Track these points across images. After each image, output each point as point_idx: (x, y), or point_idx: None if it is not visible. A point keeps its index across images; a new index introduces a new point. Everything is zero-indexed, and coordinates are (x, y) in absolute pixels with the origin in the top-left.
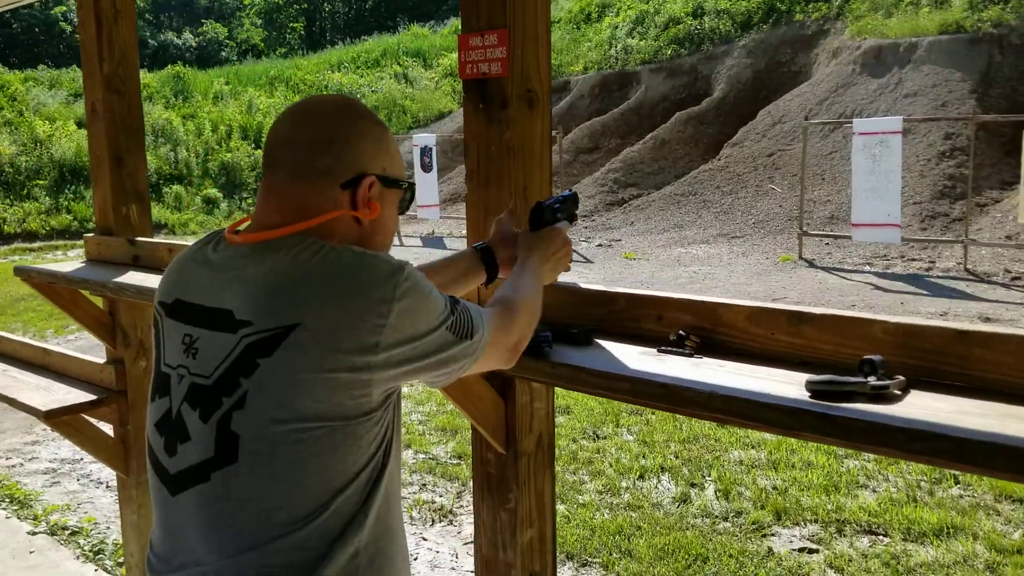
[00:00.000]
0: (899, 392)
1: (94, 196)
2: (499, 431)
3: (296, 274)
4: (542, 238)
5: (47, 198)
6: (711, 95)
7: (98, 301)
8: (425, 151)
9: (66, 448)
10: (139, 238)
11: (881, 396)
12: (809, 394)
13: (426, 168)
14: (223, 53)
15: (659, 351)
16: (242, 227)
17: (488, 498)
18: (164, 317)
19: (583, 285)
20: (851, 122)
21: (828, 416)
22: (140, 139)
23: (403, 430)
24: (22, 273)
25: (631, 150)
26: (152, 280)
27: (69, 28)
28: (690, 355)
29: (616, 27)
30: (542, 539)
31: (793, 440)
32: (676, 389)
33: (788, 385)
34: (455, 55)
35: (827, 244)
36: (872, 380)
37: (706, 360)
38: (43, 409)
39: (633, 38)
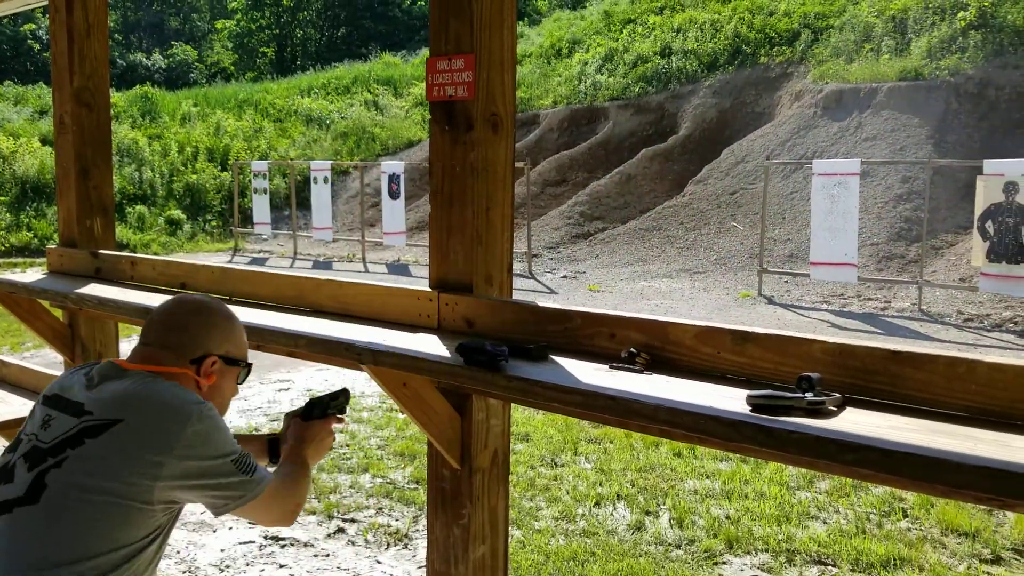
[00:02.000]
0: (835, 408)
1: (58, 208)
2: (455, 446)
3: (133, 389)
4: (308, 428)
5: (7, 214)
6: (677, 133)
7: (58, 314)
8: (393, 178)
9: None
10: (102, 250)
11: (817, 411)
12: (749, 408)
13: (393, 195)
14: (192, 75)
15: (611, 367)
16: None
17: (442, 514)
18: (40, 404)
19: (540, 303)
20: (811, 163)
21: (766, 428)
22: (107, 153)
23: (360, 455)
24: None
25: (598, 184)
26: (114, 292)
27: (37, 46)
28: (640, 371)
29: (586, 63)
30: (494, 555)
31: (747, 470)
32: (625, 402)
33: (731, 400)
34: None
35: (786, 282)
36: (809, 396)
37: (655, 376)
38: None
39: (602, 74)
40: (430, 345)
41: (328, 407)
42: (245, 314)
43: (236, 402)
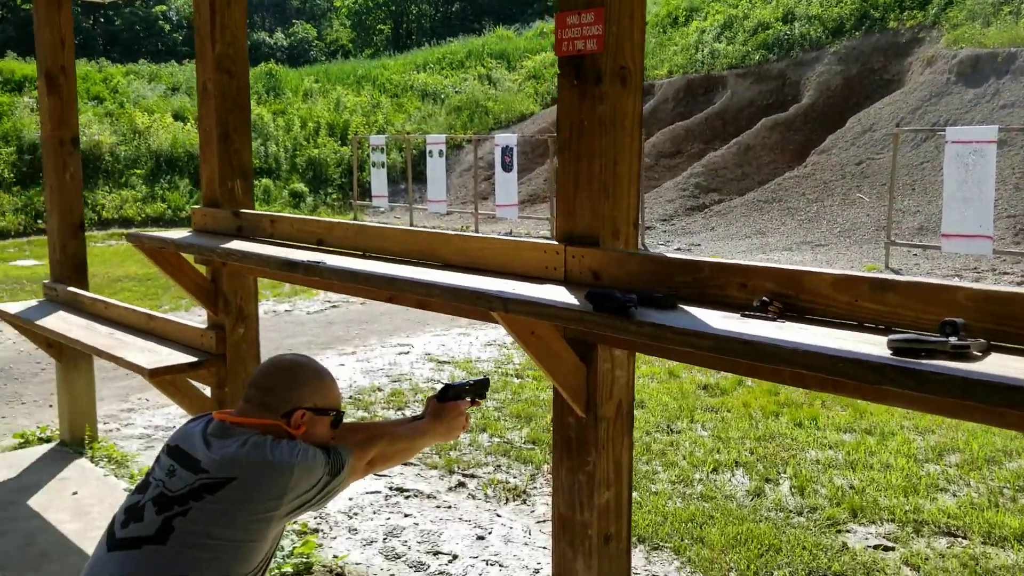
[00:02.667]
0: (980, 353)
1: (202, 171)
2: (580, 395)
3: (242, 452)
4: (443, 408)
5: (143, 186)
6: (799, 101)
7: (202, 270)
8: (506, 151)
9: (160, 416)
10: (243, 210)
11: (962, 355)
12: (891, 352)
13: (506, 168)
14: (312, 53)
15: (742, 315)
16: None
17: (567, 460)
18: (164, 453)
19: (668, 254)
20: (944, 131)
21: (909, 370)
22: (246, 118)
23: (478, 415)
24: (134, 239)
25: (714, 155)
26: (256, 247)
27: (167, 26)
28: (773, 319)
29: (703, 31)
30: (619, 502)
31: (872, 441)
32: (759, 346)
33: (870, 345)
34: (539, 57)
35: (915, 255)
36: (953, 340)
37: (789, 324)
38: (148, 368)
39: (720, 42)
40: (558, 294)
41: (463, 392)
42: (378, 268)
43: (360, 363)
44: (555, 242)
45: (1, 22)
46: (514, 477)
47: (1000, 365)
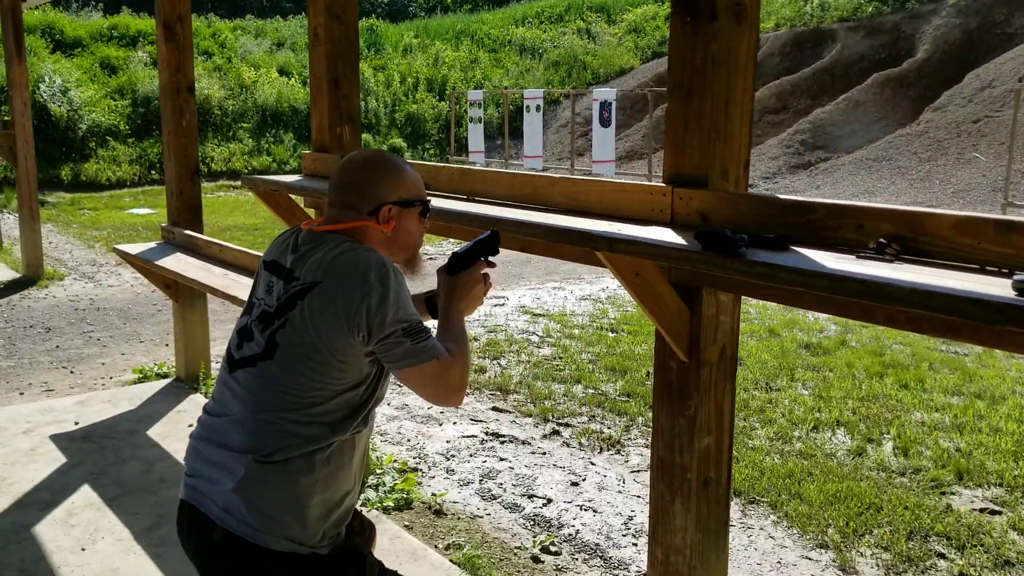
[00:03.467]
0: None
1: (311, 116)
2: (683, 339)
3: (328, 255)
4: (455, 284)
5: (250, 140)
6: (913, 56)
7: (311, 212)
8: (604, 106)
9: None
10: None
11: None
12: (1016, 292)
13: (604, 123)
14: (412, 8)
15: (858, 257)
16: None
17: (667, 404)
18: (262, 269)
19: (780, 196)
20: None
21: None
22: (355, 64)
23: (573, 367)
24: (249, 182)
25: (822, 111)
26: None
27: None
28: (890, 261)
29: None
30: (719, 447)
31: (982, 405)
32: (875, 285)
33: (993, 287)
34: (640, 10)
35: None
36: None
37: (906, 265)
38: None
39: None
40: (665, 235)
41: (473, 256)
42: (482, 210)
43: None
44: (662, 184)
45: None
46: (608, 428)
47: None
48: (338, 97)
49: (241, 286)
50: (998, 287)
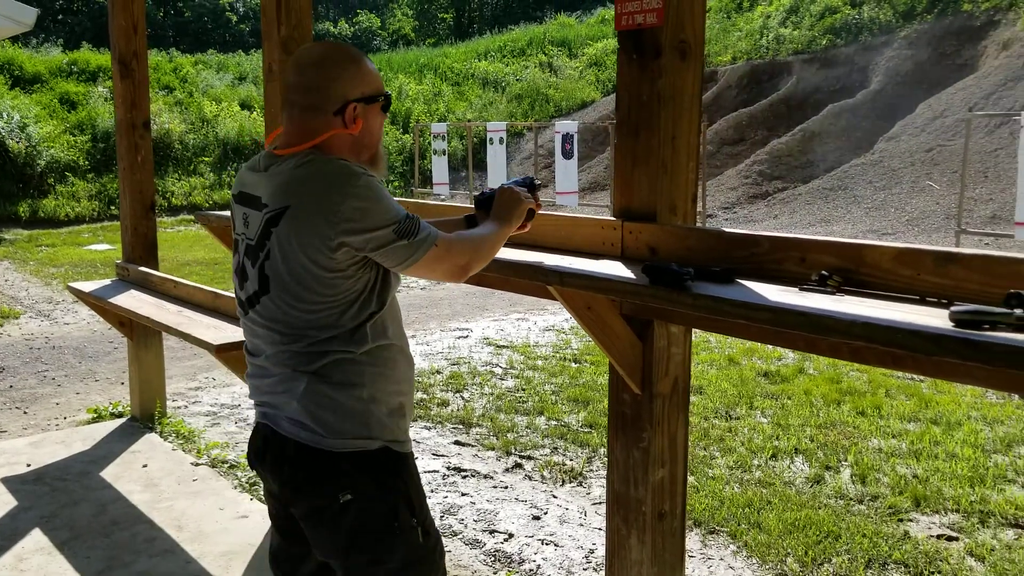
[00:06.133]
0: None
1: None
2: (636, 371)
3: (293, 175)
4: (509, 198)
5: (211, 174)
6: (867, 87)
7: None
8: (566, 138)
9: (225, 394)
10: None
11: None
12: (953, 324)
13: (567, 155)
14: (375, 42)
15: (800, 289)
16: (277, 139)
17: (622, 436)
18: (234, 203)
19: (726, 229)
20: (1019, 116)
21: (971, 342)
22: None
23: (536, 399)
24: (202, 218)
25: (778, 142)
26: None
27: (235, 17)
28: (832, 293)
29: (768, 16)
30: (673, 480)
31: (938, 431)
32: (816, 317)
33: (931, 318)
34: (600, 44)
35: (987, 244)
36: (1019, 312)
37: (848, 297)
38: (215, 344)
39: (786, 27)
40: (615, 269)
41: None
42: None
43: (420, 347)
44: (612, 218)
45: (76, 15)
46: (571, 459)
47: None
48: None
49: (195, 323)
50: (937, 318)
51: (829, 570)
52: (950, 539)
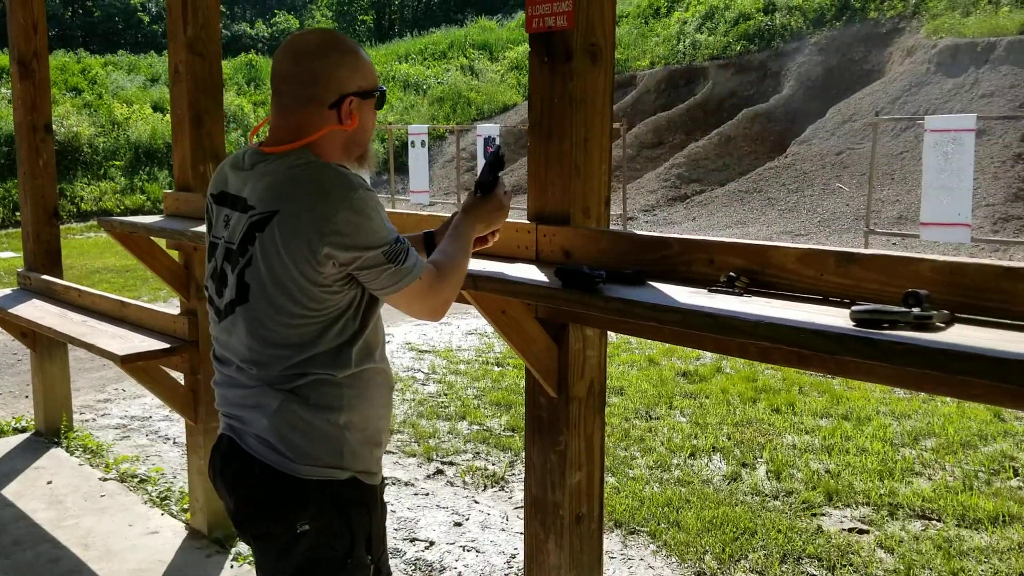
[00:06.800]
0: (943, 324)
1: (173, 155)
2: (551, 375)
3: (286, 177)
4: (477, 203)
5: (123, 178)
6: (780, 92)
7: (174, 255)
8: (488, 141)
9: (136, 406)
10: None
11: (925, 325)
12: (854, 323)
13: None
14: None
15: (709, 290)
16: (263, 131)
17: (539, 440)
18: (213, 204)
19: (638, 232)
20: (923, 120)
21: (871, 340)
22: (219, 100)
23: (458, 403)
24: (106, 224)
25: (696, 146)
26: None
27: (147, 18)
28: (740, 294)
29: (685, 22)
30: (590, 482)
31: (849, 427)
32: (723, 319)
33: (834, 318)
34: (522, 48)
35: (894, 244)
36: (916, 311)
37: (754, 298)
38: (120, 354)
39: (702, 33)
40: (528, 272)
41: (493, 180)
42: None
43: None
44: (526, 221)
45: None
46: (493, 464)
47: (962, 335)
48: (201, 134)
49: (100, 333)
50: (839, 318)
51: (746, 566)
52: (861, 532)
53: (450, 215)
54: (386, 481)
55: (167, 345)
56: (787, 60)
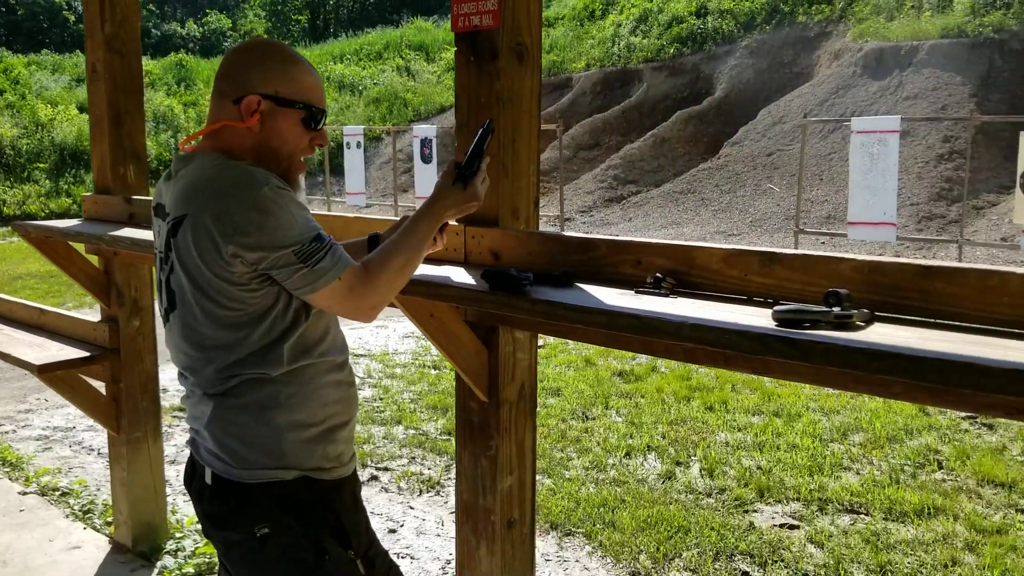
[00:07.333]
0: (863, 323)
1: (92, 156)
2: (482, 379)
3: (194, 179)
4: (452, 192)
5: (47, 181)
6: (712, 94)
7: (94, 260)
8: (425, 143)
9: (59, 416)
10: (136, 196)
11: (845, 324)
12: (776, 323)
13: (425, 160)
14: (226, 43)
15: (636, 292)
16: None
17: (470, 445)
18: (154, 216)
19: (566, 233)
20: (850, 122)
21: (792, 340)
22: (139, 100)
23: (394, 408)
24: (20, 228)
25: (631, 147)
26: (148, 235)
27: (72, 17)
28: (666, 295)
29: (619, 25)
30: (522, 486)
31: (780, 423)
32: (648, 320)
33: (757, 318)
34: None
35: (823, 243)
36: (837, 310)
37: (681, 299)
38: (37, 364)
39: (636, 36)
40: (456, 275)
41: (477, 165)
42: None
43: None
44: (454, 223)
45: None
46: (428, 468)
47: (882, 334)
48: (120, 135)
49: (16, 342)
50: (763, 318)
51: (680, 564)
52: (792, 527)
53: (399, 219)
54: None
55: (87, 353)
56: (719, 63)
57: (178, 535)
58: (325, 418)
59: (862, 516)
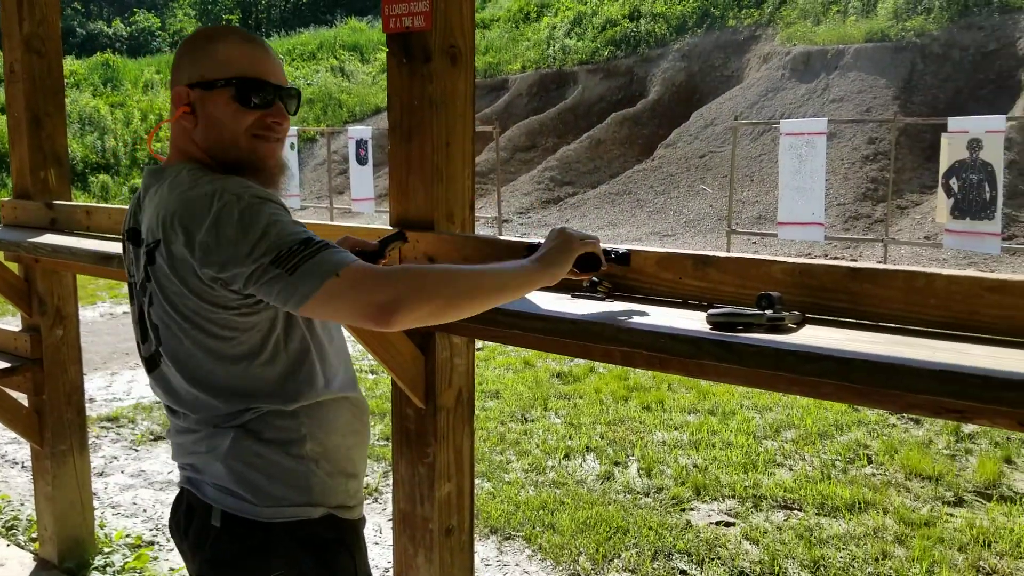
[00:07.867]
0: (794, 325)
1: (11, 160)
2: (418, 385)
3: (165, 199)
4: (559, 263)
5: None
6: (646, 97)
7: (14, 267)
8: (360, 144)
9: None
10: (57, 201)
11: (777, 327)
12: (710, 326)
13: (361, 161)
14: (155, 43)
15: (573, 296)
16: (160, 133)
17: (407, 452)
18: (125, 241)
19: (501, 237)
20: (779, 124)
21: (725, 343)
22: (60, 102)
23: None
24: None
25: (567, 149)
26: (70, 241)
27: None
28: (602, 299)
29: (554, 27)
30: (460, 494)
31: (715, 421)
32: (585, 325)
33: (692, 321)
34: None
35: (754, 242)
36: (769, 313)
37: (617, 303)
38: None
39: (571, 38)
40: None
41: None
42: None
43: None
44: (389, 227)
45: None
46: (366, 475)
47: (812, 336)
48: (40, 138)
49: None
50: (697, 321)
51: (619, 565)
52: (727, 525)
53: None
54: None
55: (7, 364)
56: (652, 66)
57: (106, 550)
58: (349, 448)
59: (795, 512)
